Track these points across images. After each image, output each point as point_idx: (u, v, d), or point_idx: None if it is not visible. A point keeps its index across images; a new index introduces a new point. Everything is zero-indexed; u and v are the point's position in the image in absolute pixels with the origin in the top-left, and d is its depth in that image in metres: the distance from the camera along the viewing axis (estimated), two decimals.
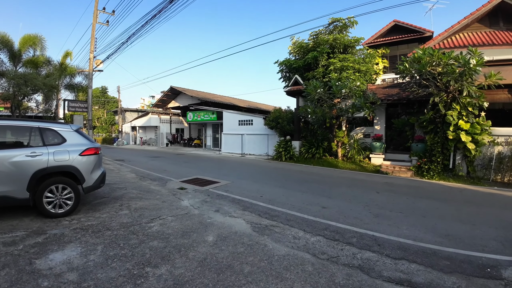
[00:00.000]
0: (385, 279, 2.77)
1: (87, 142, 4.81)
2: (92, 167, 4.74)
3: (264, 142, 17.13)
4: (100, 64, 15.32)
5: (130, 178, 8.45)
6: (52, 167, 4.31)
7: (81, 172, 4.56)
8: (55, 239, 3.55)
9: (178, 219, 4.47)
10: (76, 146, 4.62)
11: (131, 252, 3.22)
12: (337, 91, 11.98)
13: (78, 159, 4.56)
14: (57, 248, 3.27)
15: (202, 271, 2.84)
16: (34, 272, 2.72)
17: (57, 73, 17.86)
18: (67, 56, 18.90)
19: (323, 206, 5.50)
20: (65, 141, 4.58)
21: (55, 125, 4.70)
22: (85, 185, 4.65)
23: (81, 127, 5.13)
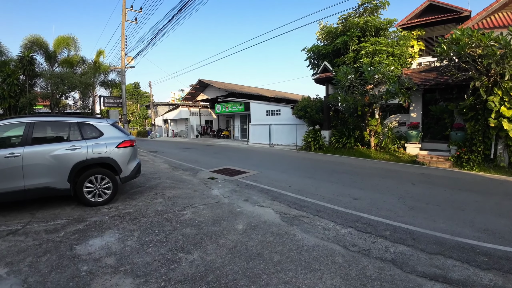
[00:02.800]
0: (419, 274, 2.64)
1: (123, 135, 5.07)
2: (128, 159, 5.01)
3: (292, 132, 16.93)
4: (132, 60, 16.02)
5: (163, 169, 8.86)
6: (91, 159, 4.60)
7: (118, 163, 4.83)
8: (95, 226, 3.83)
9: (209, 208, 4.61)
10: (113, 139, 4.89)
11: (165, 238, 3.39)
12: (370, 76, 11.37)
13: (115, 151, 4.83)
14: (96, 235, 3.52)
15: (232, 258, 2.91)
16: (74, 257, 2.95)
17: (91, 71, 18.82)
18: (100, 55, 19.93)
19: (354, 198, 5.34)
20: (102, 134, 4.86)
21: (92, 120, 5.01)
22: (122, 175, 4.94)
23: (116, 121, 5.43)
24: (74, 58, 18.67)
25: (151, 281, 2.50)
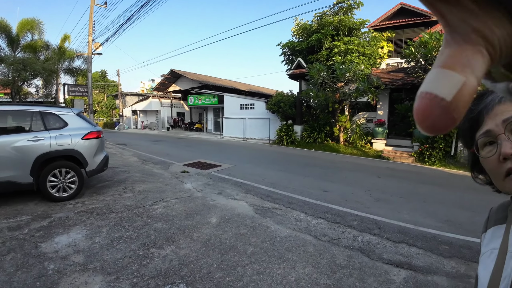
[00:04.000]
0: (385, 261, 2.83)
1: (89, 126, 4.82)
2: (95, 151, 4.77)
3: (265, 126, 17.08)
4: (99, 47, 15.03)
5: (132, 162, 8.51)
6: (54, 151, 4.33)
7: (83, 155, 4.59)
8: (60, 222, 3.62)
9: (182, 202, 4.53)
10: (78, 130, 4.63)
11: (136, 234, 3.29)
12: (341, 74, 11.77)
13: (81, 143, 4.58)
14: (63, 231, 3.34)
15: (206, 251, 2.90)
16: (40, 255, 2.78)
17: (56, 57, 17.55)
18: (65, 40, 18.49)
19: (324, 190, 5.55)
20: (67, 125, 4.58)
21: (56, 109, 4.69)
22: (88, 168, 4.70)
23: (82, 111, 5.13)
24: (38, 43, 17.20)
25: (123, 278, 2.41)
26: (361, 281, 2.51)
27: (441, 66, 0.17)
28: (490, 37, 0.17)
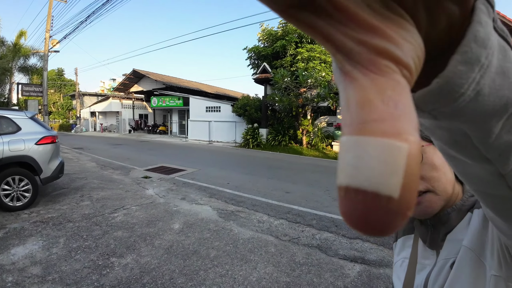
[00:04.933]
0: (341, 257, 3.07)
1: (44, 130, 4.57)
2: (50, 157, 4.52)
3: (232, 129, 17.14)
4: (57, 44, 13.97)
5: (90, 168, 8.03)
6: (7, 157, 4.06)
7: (38, 162, 4.33)
8: (15, 233, 3.42)
9: (143, 208, 4.43)
10: (32, 135, 4.37)
11: (95, 243, 3.18)
12: (303, 80, 12.31)
13: (34, 148, 4.32)
14: (18, 243, 3.17)
15: (168, 258, 2.91)
16: None
17: (10, 54, 16.05)
18: (21, 36, 16.88)
19: (287, 191, 5.79)
20: (20, 129, 4.30)
21: (8, 112, 4.38)
22: (43, 176, 4.44)
23: (36, 114, 4.82)
24: None
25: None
26: (318, 276, 2.71)
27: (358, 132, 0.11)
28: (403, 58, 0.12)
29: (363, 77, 0.12)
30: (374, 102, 0.11)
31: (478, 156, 0.22)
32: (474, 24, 0.15)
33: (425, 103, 0.17)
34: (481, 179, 0.26)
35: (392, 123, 0.11)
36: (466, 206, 0.56)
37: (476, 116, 0.18)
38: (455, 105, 0.17)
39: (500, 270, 0.45)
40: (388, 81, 0.12)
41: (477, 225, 0.51)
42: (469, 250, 0.50)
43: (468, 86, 0.16)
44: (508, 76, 0.17)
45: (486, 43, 0.15)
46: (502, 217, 0.33)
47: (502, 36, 0.17)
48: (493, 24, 0.16)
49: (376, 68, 0.12)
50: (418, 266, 0.61)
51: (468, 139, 0.20)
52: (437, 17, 0.14)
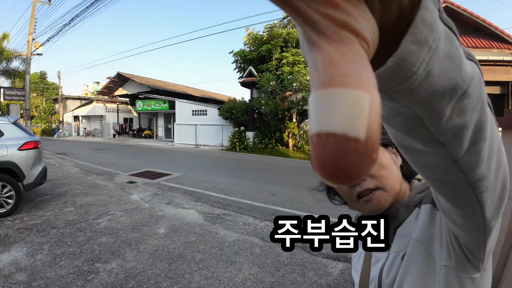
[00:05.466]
0: (324, 256, 3.18)
1: (26, 135, 4.49)
2: (32, 162, 4.44)
3: (218, 132, 17.13)
4: (40, 47, 13.59)
5: (73, 173, 7.86)
6: None
7: (20, 168, 4.26)
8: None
9: (128, 214, 4.41)
10: (15, 140, 4.29)
11: (79, 250, 3.16)
12: (289, 84, 12.53)
13: (17, 154, 4.24)
14: (3, 250, 3.14)
15: (153, 262, 2.93)
16: None
17: None
18: (4, 39, 16.19)
19: (272, 194, 5.89)
20: (2, 134, 4.23)
21: None
22: (26, 182, 4.36)
23: (19, 119, 4.73)
24: None
25: None
26: (302, 275, 2.80)
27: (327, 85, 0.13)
28: (361, 31, 0.14)
29: (328, 45, 0.14)
30: (339, 61, 0.13)
31: (432, 141, 0.24)
32: (421, 9, 0.17)
33: (383, 81, 0.18)
34: (435, 166, 0.28)
35: (355, 77, 0.13)
36: (414, 202, 0.60)
37: (428, 96, 0.20)
38: (409, 83, 0.19)
39: (449, 260, 0.48)
40: (350, 48, 0.13)
41: (424, 219, 0.55)
42: (418, 243, 0.54)
43: (419, 65, 0.18)
44: (454, 60, 0.20)
45: (433, 27, 0.18)
46: (454, 204, 0.36)
47: (448, 25, 0.19)
48: (439, 14, 0.19)
49: (339, 38, 0.14)
50: (372, 259, 0.64)
51: (422, 123, 0.23)
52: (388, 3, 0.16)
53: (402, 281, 0.54)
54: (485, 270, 0.49)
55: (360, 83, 0.13)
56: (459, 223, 0.40)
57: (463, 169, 0.28)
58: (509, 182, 0.35)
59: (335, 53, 0.13)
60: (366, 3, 0.15)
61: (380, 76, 0.18)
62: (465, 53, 0.22)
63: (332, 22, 0.14)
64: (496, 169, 0.30)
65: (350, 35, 0.14)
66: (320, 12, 0.14)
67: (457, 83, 0.20)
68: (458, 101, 0.22)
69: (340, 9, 0.14)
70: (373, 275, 0.62)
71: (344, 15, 0.14)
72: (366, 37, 0.14)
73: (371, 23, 0.15)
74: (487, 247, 0.42)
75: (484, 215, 0.35)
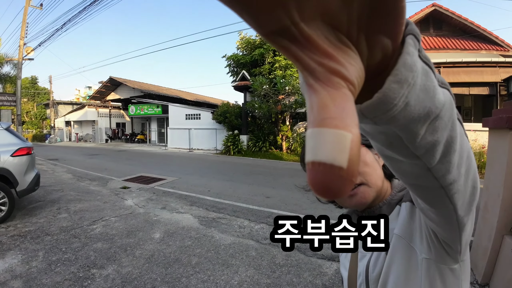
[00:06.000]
0: (319, 257, 3.22)
1: (19, 142, 4.45)
2: (25, 169, 4.40)
3: (212, 136, 17.13)
4: (31, 52, 13.42)
5: (66, 179, 7.77)
6: None
7: (13, 174, 4.22)
8: None
9: (122, 219, 4.39)
10: (7, 146, 4.25)
11: (75, 256, 3.15)
12: (281, 88, 12.65)
13: (10, 160, 4.20)
14: None
15: (149, 267, 2.94)
16: None
17: None
18: None
19: (267, 196, 5.94)
20: None
21: None
22: (19, 188, 4.31)
23: (11, 125, 4.68)
24: None
25: None
26: (297, 276, 2.85)
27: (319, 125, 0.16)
28: (350, 77, 0.17)
29: (322, 89, 0.16)
30: (329, 106, 0.16)
31: (409, 154, 0.28)
32: (403, 55, 0.20)
33: (369, 111, 0.22)
34: (413, 173, 0.32)
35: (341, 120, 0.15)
36: (395, 200, 0.64)
37: (406, 121, 0.23)
38: (390, 113, 0.22)
39: (429, 253, 0.52)
40: (339, 93, 0.16)
41: (405, 216, 0.58)
42: (400, 238, 0.57)
43: (399, 99, 0.21)
44: (429, 91, 0.23)
45: (412, 68, 0.21)
46: (430, 204, 0.40)
47: (425, 62, 0.23)
48: (419, 53, 0.22)
49: (331, 83, 0.16)
50: (359, 255, 0.68)
51: (401, 140, 0.26)
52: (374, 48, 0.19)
53: (387, 274, 0.58)
54: (464, 261, 0.53)
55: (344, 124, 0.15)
56: (435, 220, 0.44)
57: (436, 176, 0.31)
58: (479, 183, 0.39)
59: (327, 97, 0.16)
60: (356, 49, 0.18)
61: (367, 107, 0.22)
62: (439, 81, 0.25)
63: (326, 70, 0.17)
64: (465, 174, 0.34)
65: (340, 80, 0.17)
66: (317, 61, 0.17)
67: (430, 109, 0.24)
68: (431, 123, 0.25)
69: (333, 59, 0.17)
70: (360, 270, 0.66)
71: (336, 64, 0.17)
72: (353, 81, 0.17)
73: (357, 68, 0.18)
74: (463, 240, 0.46)
75: (457, 213, 0.39)
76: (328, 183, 0.15)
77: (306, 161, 0.16)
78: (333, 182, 0.15)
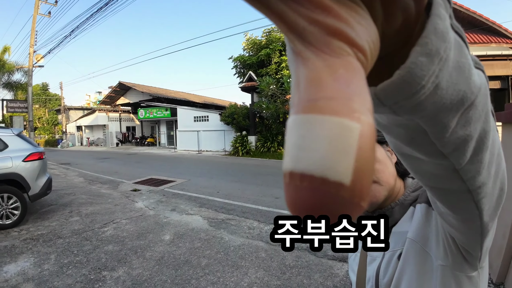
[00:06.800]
0: (330, 258, 3.18)
1: (30, 147, 4.56)
2: (37, 173, 4.51)
3: (220, 138, 17.19)
4: (41, 59, 13.83)
5: (78, 183, 7.93)
6: None
7: (25, 179, 4.32)
8: (6, 251, 3.41)
9: (133, 222, 4.44)
10: (19, 152, 4.36)
11: (86, 258, 3.19)
12: (289, 87, 12.58)
13: (22, 165, 4.31)
14: (10, 260, 3.17)
15: (160, 269, 2.95)
16: None
17: None
18: (5, 52, 16.58)
19: (276, 197, 5.89)
20: (7, 146, 4.29)
21: None
22: (31, 193, 4.41)
23: (22, 131, 4.81)
24: None
25: None
26: (308, 278, 2.80)
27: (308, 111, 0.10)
28: (358, 40, 0.12)
29: (315, 57, 0.12)
30: (325, 80, 0.11)
31: (434, 152, 0.23)
32: (433, 17, 0.15)
33: (387, 96, 0.17)
34: (436, 175, 0.27)
35: (343, 101, 0.10)
36: (408, 200, 0.60)
37: (435, 110, 0.18)
38: (415, 98, 0.17)
39: (446, 259, 0.48)
40: (342, 62, 0.11)
41: (420, 219, 0.54)
42: (414, 242, 0.54)
43: (428, 79, 0.16)
44: (464, 71, 0.18)
45: (445, 36, 0.16)
46: (452, 209, 0.35)
47: (457, 33, 0.18)
48: (451, 21, 0.17)
49: (329, 49, 0.11)
50: (368, 258, 0.64)
51: (425, 136, 0.21)
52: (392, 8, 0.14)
53: (399, 280, 0.55)
54: (482, 268, 0.49)
55: (349, 108, 0.10)
56: (455, 225, 0.39)
57: (464, 178, 0.27)
58: (507, 185, 0.34)
59: (322, 68, 0.11)
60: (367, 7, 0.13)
61: (384, 90, 0.17)
62: (473, 61, 0.20)
63: (321, 29, 0.12)
64: (495, 175, 0.30)
65: (344, 44, 0.12)
66: (308, 18, 0.12)
67: (465, 94, 0.19)
68: (464, 113, 0.20)
69: (331, 13, 0.12)
70: (370, 275, 0.62)
71: (336, 20, 0.12)
72: (362, 47, 0.12)
73: (370, 31, 0.13)
74: (484, 246, 0.42)
75: (482, 219, 0.34)
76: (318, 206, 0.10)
77: (283, 170, 0.11)
78: (326, 207, 0.10)
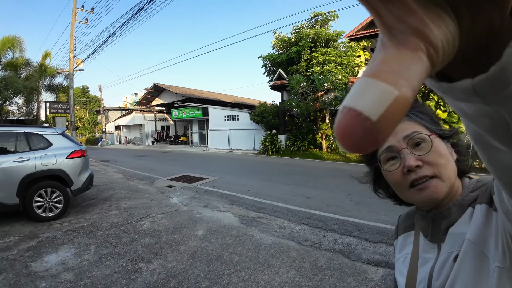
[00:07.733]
0: (364, 261, 3.02)
1: (73, 145, 4.89)
2: (80, 170, 4.82)
3: (250, 136, 17.29)
4: (81, 63, 14.99)
5: (117, 179, 8.45)
6: (40, 171, 4.37)
7: (68, 175, 4.64)
8: (48, 242, 3.64)
9: (168, 216, 4.60)
10: (63, 149, 4.68)
11: (124, 250, 3.35)
12: (320, 84, 12.26)
13: (65, 162, 4.63)
14: (51, 251, 3.38)
15: (193, 263, 3.01)
16: (31, 274, 2.82)
17: (37, 74, 17.39)
18: (46, 57, 18.25)
19: (307, 197, 5.77)
20: (51, 145, 4.63)
21: (40, 129, 4.78)
22: (74, 187, 4.74)
23: (65, 130, 5.20)
24: (19, 61, 16.98)
25: None
26: (341, 281, 2.69)
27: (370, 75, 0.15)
28: (433, 39, 0.15)
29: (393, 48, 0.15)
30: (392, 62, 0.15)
31: None
32: None
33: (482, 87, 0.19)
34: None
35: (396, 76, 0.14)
36: (467, 201, 0.57)
37: None
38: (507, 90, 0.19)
39: (504, 261, 0.46)
40: (412, 55, 0.15)
41: (480, 220, 0.52)
42: (472, 243, 0.52)
43: None
44: None
45: None
46: None
47: None
48: None
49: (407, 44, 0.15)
50: (420, 260, 0.62)
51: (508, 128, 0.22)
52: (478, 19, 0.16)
53: (453, 282, 0.52)
54: None
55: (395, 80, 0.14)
56: None
57: None
58: None
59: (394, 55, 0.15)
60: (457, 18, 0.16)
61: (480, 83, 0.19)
62: None
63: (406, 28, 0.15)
64: None
65: (420, 42, 0.15)
66: (398, 17, 0.15)
67: None
68: None
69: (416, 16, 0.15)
70: (422, 277, 0.60)
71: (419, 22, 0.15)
72: (435, 44, 0.15)
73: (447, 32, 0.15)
74: None
75: None
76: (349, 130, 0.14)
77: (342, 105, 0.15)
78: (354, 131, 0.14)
